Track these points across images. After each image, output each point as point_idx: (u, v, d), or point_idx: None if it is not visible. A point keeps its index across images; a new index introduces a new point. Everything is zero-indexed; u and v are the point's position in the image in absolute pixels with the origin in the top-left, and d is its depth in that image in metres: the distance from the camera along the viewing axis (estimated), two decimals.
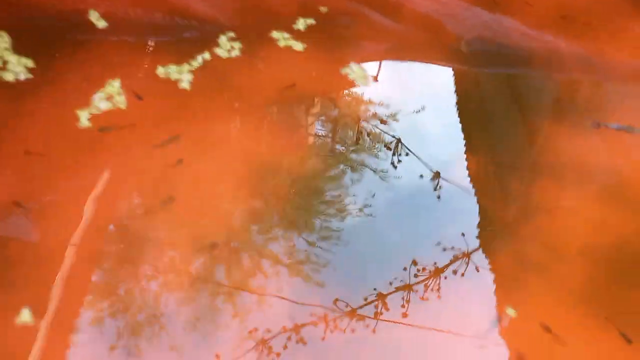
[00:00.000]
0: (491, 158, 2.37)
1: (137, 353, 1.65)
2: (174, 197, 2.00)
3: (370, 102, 2.52)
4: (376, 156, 2.28)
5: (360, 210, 2.08)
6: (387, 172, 2.22)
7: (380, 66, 2.72)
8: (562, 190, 2.21)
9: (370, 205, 2.09)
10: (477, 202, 2.17)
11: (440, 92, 2.66)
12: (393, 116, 2.45)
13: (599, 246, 2.01)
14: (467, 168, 2.28)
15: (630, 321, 1.81)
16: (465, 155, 2.33)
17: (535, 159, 2.37)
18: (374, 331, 1.74)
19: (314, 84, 2.57)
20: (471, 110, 2.60)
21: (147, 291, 1.77)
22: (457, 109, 2.56)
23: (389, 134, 2.36)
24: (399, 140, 2.33)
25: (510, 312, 1.83)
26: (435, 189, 2.17)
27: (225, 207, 2.05)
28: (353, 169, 2.22)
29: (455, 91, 2.66)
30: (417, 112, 2.50)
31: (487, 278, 1.92)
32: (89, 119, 2.13)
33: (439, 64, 2.79)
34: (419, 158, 2.27)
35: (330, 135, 2.43)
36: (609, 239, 2.03)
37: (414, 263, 1.91)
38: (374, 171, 2.22)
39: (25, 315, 1.67)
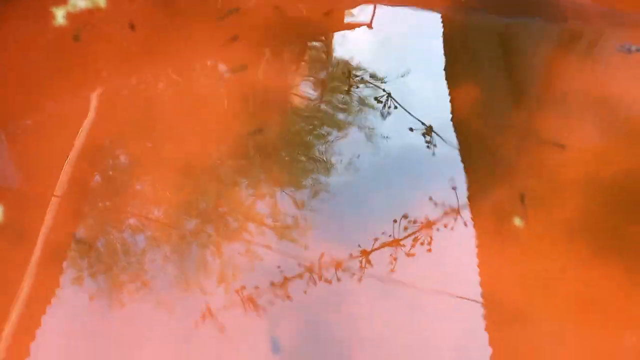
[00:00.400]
0: (488, 98, 2.27)
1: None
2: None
3: (361, 49, 2.42)
4: (366, 108, 2.17)
5: (349, 163, 1.98)
6: (376, 124, 2.11)
7: (374, 11, 2.61)
8: (563, 123, 2.11)
9: (359, 157, 1.99)
10: (473, 141, 2.07)
11: (434, 40, 2.55)
12: (384, 66, 2.35)
13: (601, 180, 1.90)
14: (463, 109, 2.18)
15: (631, 255, 1.73)
16: (458, 97, 2.23)
17: (536, 94, 2.27)
18: (360, 283, 1.63)
19: None
20: (468, 54, 2.51)
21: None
22: (452, 56, 2.45)
23: (379, 86, 2.26)
24: (389, 94, 2.22)
25: (517, 222, 1.74)
26: (427, 137, 2.07)
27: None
28: (342, 122, 2.11)
29: (450, 38, 2.55)
30: (410, 61, 2.39)
31: (482, 216, 1.83)
32: (64, 17, 1.97)
33: (436, 11, 2.66)
34: (408, 111, 2.15)
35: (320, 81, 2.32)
36: (611, 173, 1.92)
37: (405, 216, 1.80)
38: (364, 122, 2.12)
39: None
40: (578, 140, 2.04)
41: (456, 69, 2.39)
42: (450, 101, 2.22)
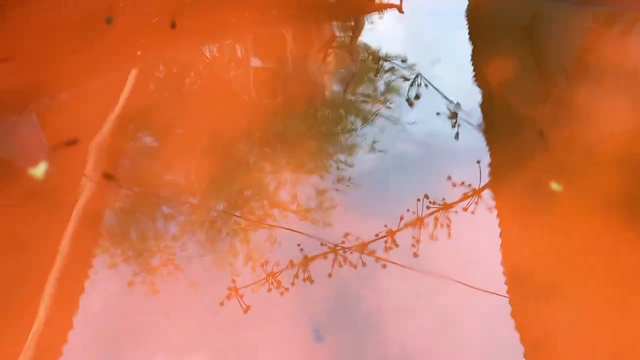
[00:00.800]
0: (518, 78, 2.23)
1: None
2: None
3: (390, 34, 2.40)
4: (393, 92, 2.15)
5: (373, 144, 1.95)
6: (404, 107, 2.09)
7: None
8: (600, 95, 2.06)
9: (386, 140, 1.97)
10: (502, 118, 2.04)
11: (462, 21, 2.52)
12: (412, 50, 2.34)
13: (636, 155, 1.86)
14: (492, 88, 2.15)
15: None
16: (487, 78, 2.20)
17: (573, 64, 2.21)
18: (384, 267, 1.59)
19: None
20: (497, 35, 2.49)
21: None
22: (480, 37, 2.44)
23: (406, 67, 2.25)
24: (418, 74, 2.21)
25: (555, 186, 1.71)
26: (455, 118, 2.03)
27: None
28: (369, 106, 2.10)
29: (478, 19, 2.51)
30: (438, 46, 2.40)
31: (513, 191, 1.79)
32: None
33: None
34: (438, 90, 2.13)
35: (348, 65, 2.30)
36: None
37: (425, 196, 1.76)
38: (392, 106, 2.10)
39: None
40: (612, 116, 1.98)
41: (484, 50, 2.37)
42: (479, 83, 2.20)
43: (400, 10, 2.56)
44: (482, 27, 2.53)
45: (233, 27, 2.39)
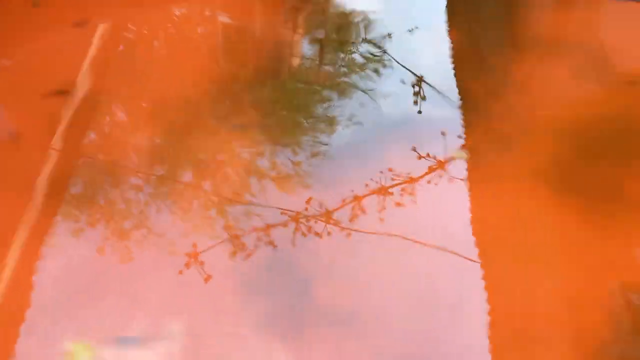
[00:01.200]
0: (478, 48, 2.26)
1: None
2: None
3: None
4: (361, 64, 2.17)
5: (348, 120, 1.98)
6: (370, 80, 2.11)
7: None
8: (540, 67, 2.11)
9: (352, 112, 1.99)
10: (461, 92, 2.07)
11: None
12: (383, 21, 2.37)
13: (570, 122, 1.90)
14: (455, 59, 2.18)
15: (593, 198, 1.71)
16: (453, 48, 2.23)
17: (515, 35, 2.25)
18: (348, 235, 1.61)
19: None
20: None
21: None
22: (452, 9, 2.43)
23: (376, 42, 2.26)
24: (384, 50, 2.23)
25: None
26: (417, 93, 2.07)
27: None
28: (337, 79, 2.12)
29: None
30: (409, 16, 2.41)
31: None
32: None
33: None
34: (402, 65, 2.16)
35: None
36: (580, 116, 1.92)
37: (390, 169, 1.79)
38: (359, 78, 2.12)
39: None
40: (551, 86, 2.04)
41: (454, 21, 2.38)
42: (446, 52, 2.23)
43: None
44: None
45: None
